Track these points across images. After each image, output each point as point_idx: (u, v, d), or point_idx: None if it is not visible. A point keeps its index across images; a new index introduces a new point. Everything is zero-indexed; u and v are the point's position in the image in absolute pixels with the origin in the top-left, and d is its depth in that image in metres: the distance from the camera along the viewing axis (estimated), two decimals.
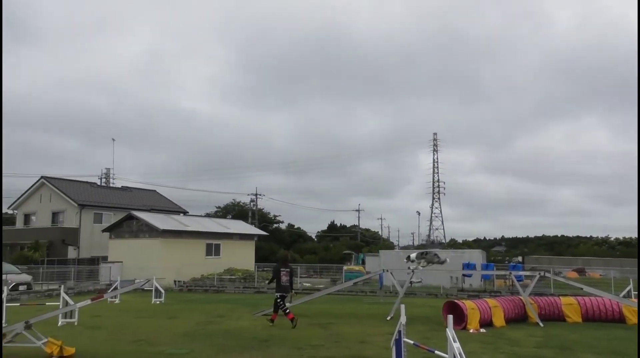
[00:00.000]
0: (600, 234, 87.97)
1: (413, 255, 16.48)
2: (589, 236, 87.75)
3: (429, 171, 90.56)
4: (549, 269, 22.98)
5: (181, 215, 41.00)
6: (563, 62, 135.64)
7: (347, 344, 10.25)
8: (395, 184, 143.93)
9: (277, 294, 13.09)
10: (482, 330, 12.15)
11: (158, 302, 19.51)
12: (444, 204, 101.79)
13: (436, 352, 5.91)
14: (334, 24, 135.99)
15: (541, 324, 13.13)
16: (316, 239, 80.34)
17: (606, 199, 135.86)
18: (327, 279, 35.54)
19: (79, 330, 12.19)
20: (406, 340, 6.34)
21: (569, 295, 16.49)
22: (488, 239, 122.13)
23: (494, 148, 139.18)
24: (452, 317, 5.52)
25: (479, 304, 13.05)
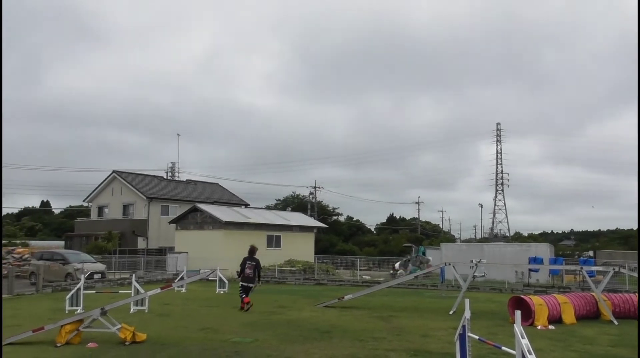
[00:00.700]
0: None
1: (397, 265, 17.46)
2: None
3: (491, 163, 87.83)
4: (623, 264, 21.74)
5: (242, 207, 41.93)
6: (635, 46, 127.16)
7: (409, 337, 10.17)
8: (456, 176, 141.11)
9: (241, 283, 14.72)
10: (551, 326, 11.71)
11: (222, 292, 20.10)
12: (507, 196, 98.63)
13: (503, 348, 5.76)
14: (391, 14, 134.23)
15: (615, 322, 12.50)
16: (375, 231, 79.86)
17: None
18: (386, 272, 35.30)
19: (149, 317, 12.79)
20: (471, 335, 6.19)
21: None
22: (555, 233, 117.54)
23: (560, 137, 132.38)
24: (519, 312, 5.34)
25: (547, 300, 12.56)
